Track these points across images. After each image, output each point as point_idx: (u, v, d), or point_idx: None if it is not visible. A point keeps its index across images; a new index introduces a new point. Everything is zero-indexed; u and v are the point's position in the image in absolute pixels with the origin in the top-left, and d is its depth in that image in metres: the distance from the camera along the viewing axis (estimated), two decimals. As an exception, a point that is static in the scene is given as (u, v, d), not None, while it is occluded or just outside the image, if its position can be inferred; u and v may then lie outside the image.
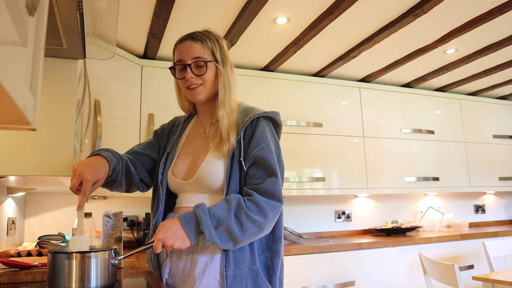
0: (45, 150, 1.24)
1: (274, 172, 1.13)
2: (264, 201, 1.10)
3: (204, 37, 1.22)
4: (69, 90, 1.30)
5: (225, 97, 1.22)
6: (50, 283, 1.01)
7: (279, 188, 1.13)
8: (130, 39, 2.36)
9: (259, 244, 1.17)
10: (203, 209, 1.06)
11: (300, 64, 2.83)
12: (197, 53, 1.20)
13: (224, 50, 1.25)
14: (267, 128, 1.21)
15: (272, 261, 1.18)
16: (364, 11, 2.11)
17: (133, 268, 1.61)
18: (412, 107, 3.35)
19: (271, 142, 1.18)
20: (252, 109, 1.23)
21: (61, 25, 1.03)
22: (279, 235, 1.20)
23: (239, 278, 1.10)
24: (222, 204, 1.08)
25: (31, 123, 0.46)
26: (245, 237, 1.07)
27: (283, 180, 1.19)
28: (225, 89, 1.22)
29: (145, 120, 2.49)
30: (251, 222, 1.07)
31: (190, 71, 1.20)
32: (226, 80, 1.22)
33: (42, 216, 2.47)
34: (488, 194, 3.99)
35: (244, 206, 1.08)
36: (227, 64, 1.24)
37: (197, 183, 1.19)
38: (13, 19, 0.38)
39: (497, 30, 2.40)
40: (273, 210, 1.10)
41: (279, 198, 1.12)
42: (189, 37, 1.23)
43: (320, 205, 3.23)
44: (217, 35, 1.27)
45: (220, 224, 1.05)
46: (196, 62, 1.20)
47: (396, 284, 2.64)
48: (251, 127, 1.20)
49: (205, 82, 1.21)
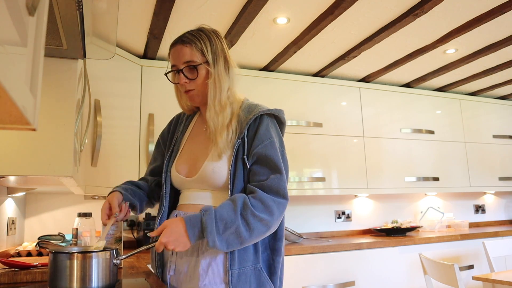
0: (45, 150, 1.24)
1: (279, 169, 1.12)
2: (269, 198, 1.09)
3: (193, 39, 1.20)
4: (69, 90, 1.30)
5: (214, 98, 1.20)
6: (51, 283, 1.01)
7: (283, 184, 1.11)
8: (130, 39, 2.36)
9: (261, 243, 1.17)
10: (209, 216, 1.05)
11: (300, 64, 2.83)
12: (187, 57, 1.19)
13: (216, 47, 1.22)
14: (271, 125, 1.20)
15: (273, 260, 1.17)
16: (364, 11, 2.11)
17: (133, 268, 1.61)
18: (412, 107, 3.35)
19: (275, 139, 1.17)
20: (256, 106, 1.22)
21: (61, 25, 1.03)
22: (281, 234, 1.19)
23: (244, 276, 1.10)
24: (228, 204, 1.08)
25: (31, 123, 0.46)
26: (253, 236, 1.07)
27: (287, 178, 1.18)
28: (214, 90, 1.20)
29: (145, 120, 2.49)
30: (258, 221, 1.06)
31: (183, 76, 1.20)
32: (217, 80, 1.20)
33: (42, 216, 2.47)
34: (488, 194, 3.99)
35: (249, 205, 1.07)
36: (219, 61, 1.21)
37: (201, 181, 1.20)
38: (13, 19, 0.38)
39: (497, 30, 2.40)
40: (279, 207, 1.09)
41: (284, 195, 1.11)
42: (180, 40, 1.22)
43: (320, 205, 3.23)
44: (209, 32, 1.24)
45: (227, 226, 1.04)
46: (187, 66, 1.20)
47: (396, 284, 2.64)
48: (255, 124, 1.19)
49: (198, 86, 1.21)
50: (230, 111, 1.21)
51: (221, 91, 1.20)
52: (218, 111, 1.19)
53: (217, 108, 1.19)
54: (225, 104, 1.20)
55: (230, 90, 1.23)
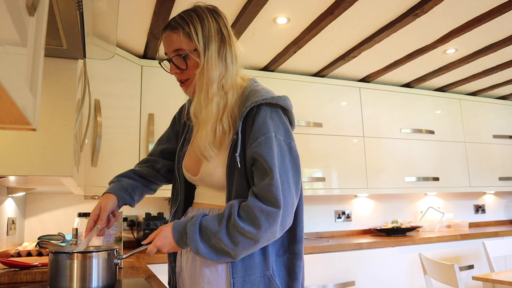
0: (45, 150, 1.24)
1: (270, 172, 0.95)
2: (257, 208, 0.94)
3: (182, 23, 1.07)
4: (69, 90, 1.30)
5: (201, 91, 1.06)
6: (51, 282, 1.01)
7: (275, 190, 0.94)
8: (130, 39, 2.36)
9: (279, 246, 1.07)
10: (193, 223, 0.98)
11: (300, 64, 2.83)
12: (175, 44, 1.07)
13: (210, 29, 1.07)
14: (271, 116, 1.02)
15: (294, 264, 1.07)
16: (364, 11, 2.11)
17: (133, 268, 1.61)
18: (412, 107, 3.35)
19: (273, 133, 1.00)
20: (254, 94, 1.04)
21: (61, 25, 1.03)
22: (300, 235, 1.08)
23: (249, 285, 0.99)
24: (217, 215, 0.99)
25: (31, 123, 0.46)
26: (238, 250, 0.95)
27: (298, 176, 1.03)
28: (201, 81, 1.06)
29: (145, 120, 2.49)
30: (240, 234, 0.94)
31: (173, 66, 1.10)
32: (206, 68, 1.05)
33: (42, 216, 2.47)
34: (488, 194, 3.99)
35: (234, 216, 0.95)
36: (210, 46, 1.06)
37: (203, 182, 1.13)
38: (13, 19, 0.38)
39: (497, 30, 2.40)
40: (268, 219, 0.93)
41: (274, 203, 0.94)
42: (168, 26, 1.10)
43: (320, 205, 3.23)
44: (203, 11, 1.09)
45: (211, 236, 0.96)
46: (176, 55, 1.08)
47: (396, 284, 2.64)
48: (251, 116, 1.03)
49: (190, 77, 1.10)
50: (222, 103, 1.06)
51: (209, 82, 1.05)
52: (203, 105, 1.06)
53: (202, 101, 1.06)
54: (212, 96, 1.05)
55: (224, 77, 1.07)
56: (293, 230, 1.08)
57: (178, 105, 1.38)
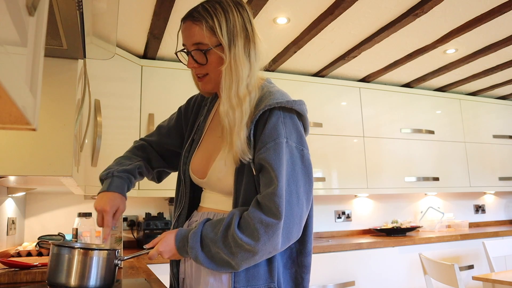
0: (45, 150, 1.24)
1: (275, 180, 0.91)
2: (257, 219, 0.89)
3: (205, 14, 0.99)
4: (69, 90, 1.30)
5: (230, 90, 0.98)
6: (50, 276, 1.01)
7: (278, 200, 0.89)
8: (130, 39, 2.36)
9: (287, 257, 1.02)
10: (195, 232, 0.95)
11: (300, 64, 2.83)
12: (196, 37, 1.00)
13: (235, 23, 1.00)
14: (283, 121, 0.97)
15: (302, 278, 1.01)
16: (364, 11, 2.11)
17: (133, 268, 1.61)
18: (412, 107, 3.35)
19: (285, 139, 0.95)
20: (268, 96, 0.99)
21: (61, 25, 1.03)
22: (310, 248, 1.02)
23: None
24: (218, 222, 0.96)
25: (31, 123, 0.46)
26: (238, 261, 0.91)
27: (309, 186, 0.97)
28: (230, 79, 0.98)
29: (145, 120, 2.49)
30: (238, 246, 0.90)
31: (192, 60, 1.02)
32: (234, 66, 0.98)
33: (42, 216, 2.47)
34: (488, 194, 3.99)
35: (233, 226, 0.91)
36: (237, 42, 0.99)
37: (210, 186, 1.09)
38: (13, 19, 0.38)
39: (497, 30, 2.40)
40: (267, 231, 0.89)
41: (275, 213, 0.89)
42: (190, 16, 1.02)
43: (320, 205, 3.23)
44: (228, 3, 1.01)
45: (211, 245, 0.93)
46: (197, 49, 1.01)
47: (396, 284, 2.64)
48: (263, 120, 0.97)
49: (210, 72, 1.03)
50: (249, 103, 0.99)
51: (239, 80, 0.98)
52: (235, 105, 0.97)
53: (233, 101, 0.97)
54: (244, 96, 0.98)
55: (250, 77, 1.00)
56: (303, 242, 1.02)
57: (178, 105, 1.37)
